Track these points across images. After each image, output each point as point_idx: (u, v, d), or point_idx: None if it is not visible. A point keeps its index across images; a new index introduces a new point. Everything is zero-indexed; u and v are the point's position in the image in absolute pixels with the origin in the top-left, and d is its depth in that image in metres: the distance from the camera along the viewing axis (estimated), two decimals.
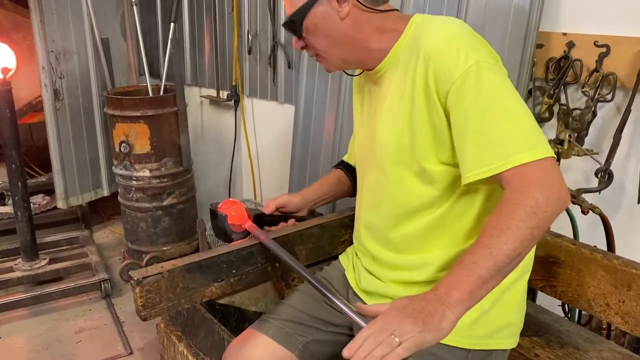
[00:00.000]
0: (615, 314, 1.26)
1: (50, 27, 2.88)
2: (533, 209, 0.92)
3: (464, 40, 1.04)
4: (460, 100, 1.01)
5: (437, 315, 0.88)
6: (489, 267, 0.91)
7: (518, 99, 1.02)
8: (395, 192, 1.18)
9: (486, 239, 0.93)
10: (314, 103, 2.38)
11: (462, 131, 1.02)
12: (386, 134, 1.16)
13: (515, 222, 0.92)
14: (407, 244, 1.19)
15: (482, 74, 1.00)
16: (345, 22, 1.13)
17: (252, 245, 1.39)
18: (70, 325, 2.53)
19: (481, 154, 0.99)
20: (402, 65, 1.13)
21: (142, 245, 2.83)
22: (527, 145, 0.97)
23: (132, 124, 2.65)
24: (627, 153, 1.60)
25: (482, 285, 0.92)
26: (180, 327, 1.55)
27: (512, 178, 0.96)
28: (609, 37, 1.58)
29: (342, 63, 1.22)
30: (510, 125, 0.98)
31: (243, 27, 2.79)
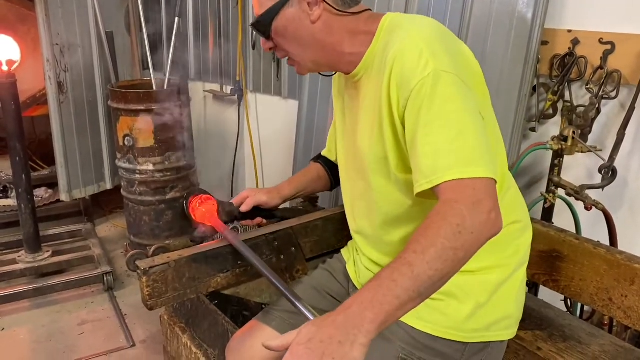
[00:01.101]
0: (618, 308, 1.26)
1: (55, 20, 2.89)
2: (459, 228, 0.87)
3: (427, 47, 1.00)
4: (413, 109, 0.99)
5: (347, 343, 0.80)
6: (408, 287, 0.83)
7: (471, 114, 0.97)
8: (381, 201, 1.17)
9: (409, 255, 0.86)
10: (318, 99, 2.39)
11: (411, 141, 1.00)
12: (366, 144, 1.15)
13: (440, 240, 0.86)
14: (399, 249, 1.18)
15: (438, 83, 0.97)
16: (316, 26, 1.11)
17: (257, 237, 1.40)
18: (73, 317, 2.54)
19: (423, 165, 0.96)
20: (376, 69, 1.11)
21: (144, 239, 2.84)
22: (466, 162, 0.93)
23: (136, 117, 2.66)
24: (630, 150, 1.61)
25: (399, 307, 0.83)
26: (184, 318, 1.56)
27: (445, 191, 0.92)
28: (613, 34, 1.58)
29: (314, 66, 1.19)
30: (455, 138, 0.94)
31: (247, 22, 2.79)
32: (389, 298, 0.83)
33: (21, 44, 2.73)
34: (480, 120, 0.99)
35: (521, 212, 1.23)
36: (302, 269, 1.50)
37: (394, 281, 0.84)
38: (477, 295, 1.12)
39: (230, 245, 1.34)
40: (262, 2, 1.12)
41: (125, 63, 3.37)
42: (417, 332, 1.12)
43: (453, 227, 0.87)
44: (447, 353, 1.13)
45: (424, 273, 0.84)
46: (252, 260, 1.23)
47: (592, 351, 1.31)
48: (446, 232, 0.86)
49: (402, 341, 1.12)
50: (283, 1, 1.10)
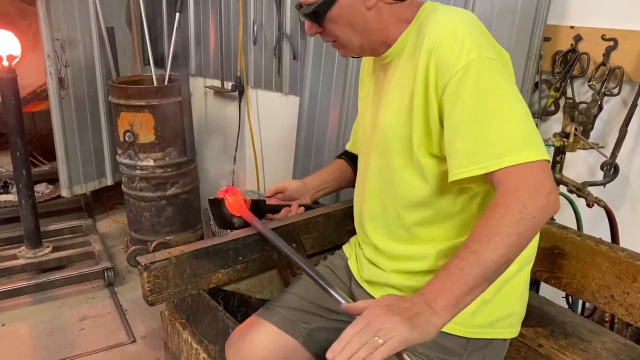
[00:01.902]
0: (620, 305, 1.26)
1: (55, 15, 2.88)
2: (522, 215, 0.91)
3: (468, 34, 1.02)
4: (457, 94, 0.99)
5: (423, 317, 0.87)
6: (475, 274, 0.90)
7: (518, 99, 1.00)
8: (397, 182, 1.17)
9: (474, 244, 0.92)
10: (319, 95, 2.38)
11: (455, 126, 1.00)
12: (388, 122, 1.16)
13: (504, 228, 0.90)
14: (408, 235, 1.19)
15: (483, 69, 0.98)
16: (370, 13, 1.13)
17: (259, 233, 1.39)
18: (74, 312, 2.55)
19: (473, 151, 0.97)
20: (408, 52, 1.13)
21: (145, 235, 2.84)
22: (522, 147, 0.95)
23: (136, 113, 2.66)
24: (632, 147, 1.61)
25: (468, 293, 0.90)
26: (185, 314, 1.56)
27: (503, 179, 0.94)
28: (616, 30, 1.58)
29: (360, 50, 1.22)
30: (507, 124, 0.97)
31: (248, 18, 2.78)
32: (459, 285, 0.89)
33: (22, 39, 2.73)
34: (525, 103, 1.01)
35: None
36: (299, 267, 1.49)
37: (461, 269, 0.90)
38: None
39: (231, 241, 1.34)
40: None
41: (126, 58, 3.36)
42: None
43: (515, 215, 0.91)
44: (450, 348, 1.13)
45: (490, 260, 0.90)
46: (283, 248, 1.26)
47: (593, 348, 1.31)
48: (509, 220, 0.91)
49: None
50: None
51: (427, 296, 0.90)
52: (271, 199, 1.52)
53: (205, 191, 3.10)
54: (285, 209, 1.50)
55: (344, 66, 2.22)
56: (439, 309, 0.88)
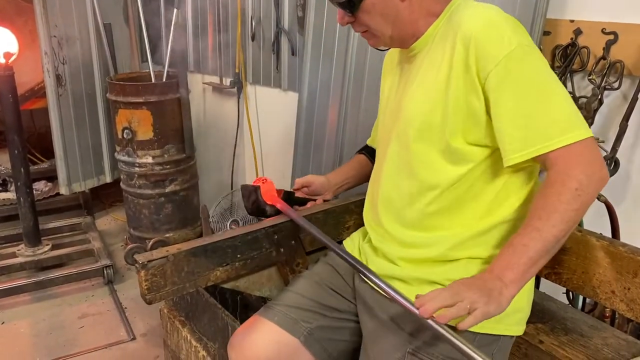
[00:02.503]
0: (621, 301, 1.25)
1: (52, 12, 2.87)
2: (578, 192, 0.98)
3: (505, 24, 1.06)
4: (503, 83, 1.03)
5: (496, 291, 0.96)
6: (538, 248, 0.99)
7: (558, 81, 1.05)
8: (417, 167, 1.19)
9: (535, 222, 1.00)
10: (318, 91, 2.37)
11: (505, 113, 1.05)
12: (414, 110, 1.18)
13: (562, 205, 0.98)
14: (422, 221, 1.20)
15: (525, 56, 1.03)
16: (403, 4, 1.15)
17: (257, 230, 1.39)
18: (73, 310, 2.54)
19: (526, 136, 1.03)
20: (437, 44, 1.15)
21: (144, 232, 2.83)
22: (570, 127, 1.01)
23: (134, 110, 2.64)
24: (633, 141, 1.60)
25: (532, 265, 0.99)
26: (184, 312, 1.56)
27: (557, 159, 1.01)
28: (616, 24, 1.56)
29: (390, 41, 1.23)
30: (553, 107, 1.02)
31: (246, 14, 2.77)
32: (524, 259, 0.99)
33: (19, 36, 2.71)
34: (563, 86, 1.07)
35: None
36: (302, 262, 1.49)
37: (525, 245, 1.00)
38: None
39: (230, 239, 1.33)
40: None
41: (123, 55, 3.35)
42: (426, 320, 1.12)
43: (572, 192, 0.99)
44: None
45: (551, 235, 0.99)
46: (318, 235, 1.31)
47: (594, 344, 1.30)
48: (567, 198, 0.99)
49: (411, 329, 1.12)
50: None
51: (496, 272, 1.00)
52: (298, 192, 1.56)
53: (204, 188, 3.10)
54: (310, 202, 1.56)
55: (343, 62, 2.21)
56: (508, 281, 0.98)
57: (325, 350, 1.28)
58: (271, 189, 1.48)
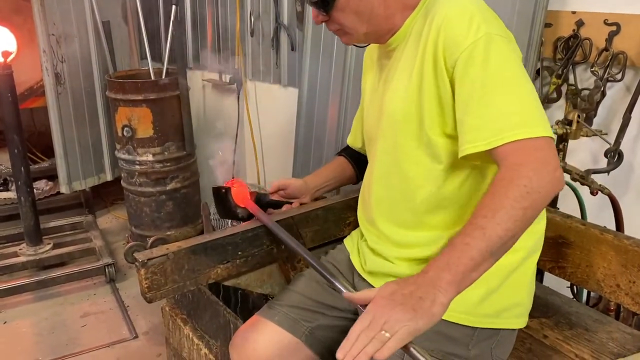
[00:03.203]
0: (626, 294, 1.24)
1: (50, 10, 2.85)
2: (527, 189, 0.90)
3: (478, 12, 1.02)
4: (466, 70, 1.00)
5: (427, 300, 0.85)
6: (481, 248, 0.88)
7: (525, 76, 1.00)
8: (404, 164, 1.16)
9: (479, 220, 0.91)
10: (318, 86, 2.35)
11: (464, 102, 1.00)
12: (395, 105, 1.15)
13: (509, 202, 0.90)
14: (415, 220, 1.18)
15: (492, 46, 0.99)
16: (377, 1, 1.12)
17: (258, 227, 1.37)
18: (75, 309, 2.54)
19: (480, 126, 0.98)
20: (414, 37, 1.12)
21: (145, 230, 2.83)
22: (526, 122, 0.95)
23: (134, 107, 2.64)
24: (636, 133, 1.58)
25: (474, 268, 0.89)
26: (186, 310, 1.55)
27: (507, 154, 0.95)
28: (619, 15, 1.55)
29: (364, 38, 1.20)
30: (513, 100, 0.97)
31: (245, 9, 2.75)
32: (464, 260, 0.88)
33: (17, 34, 2.70)
34: (531, 81, 1.01)
35: None
36: (303, 259, 1.48)
37: (467, 244, 0.89)
38: (489, 280, 1.10)
39: (230, 236, 1.32)
40: None
41: (122, 53, 3.34)
42: None
43: (521, 189, 0.90)
44: (456, 337, 1.12)
45: (496, 234, 0.89)
46: (287, 240, 1.27)
47: (599, 338, 1.29)
48: (514, 194, 0.90)
49: None
50: None
51: (430, 274, 0.89)
52: (274, 194, 1.52)
53: (205, 185, 3.08)
54: (286, 206, 1.50)
55: (343, 56, 2.19)
56: (444, 284, 0.86)
57: (326, 349, 1.27)
58: (243, 191, 1.42)
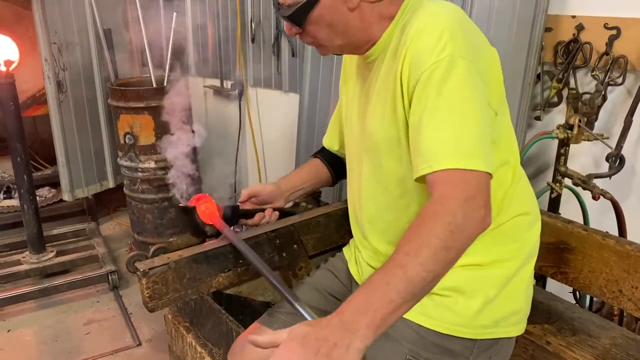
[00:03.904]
0: (629, 300, 1.24)
1: (51, 18, 2.86)
2: (451, 227, 0.86)
3: (448, 29, 0.98)
4: (422, 92, 0.97)
5: (342, 346, 0.79)
6: (401, 290, 0.83)
7: (478, 105, 0.96)
8: (391, 184, 1.14)
9: (401, 257, 0.85)
10: (319, 92, 2.36)
11: (417, 124, 0.97)
12: (377, 124, 1.13)
13: (432, 240, 0.85)
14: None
15: (452, 69, 0.95)
16: (352, 14, 1.09)
17: (259, 235, 1.38)
18: (79, 317, 2.54)
19: (424, 150, 0.94)
20: (391, 51, 1.09)
21: (148, 237, 2.83)
22: (462, 152, 0.91)
23: (136, 115, 2.64)
24: (638, 137, 1.58)
25: (393, 311, 0.83)
26: (188, 317, 1.55)
27: (435, 183, 0.91)
28: (619, 19, 1.55)
29: (339, 50, 1.18)
30: (457, 128, 0.93)
31: (246, 16, 2.76)
32: (384, 302, 0.82)
33: (19, 43, 2.71)
34: (486, 112, 0.97)
35: (531, 204, 1.20)
36: (305, 266, 1.48)
37: (387, 284, 0.83)
38: (486, 290, 1.10)
39: (231, 244, 1.32)
40: None
41: (124, 60, 3.34)
42: (424, 330, 1.10)
43: (445, 226, 0.86)
44: (456, 350, 1.11)
45: (417, 275, 0.84)
46: (252, 259, 1.23)
47: (602, 344, 1.29)
48: (438, 232, 0.85)
49: (409, 341, 1.10)
50: None
51: (346, 315, 0.82)
52: (245, 203, 1.46)
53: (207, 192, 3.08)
54: (259, 214, 1.44)
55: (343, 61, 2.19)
56: (361, 329, 0.80)
57: None
58: (210, 207, 1.36)
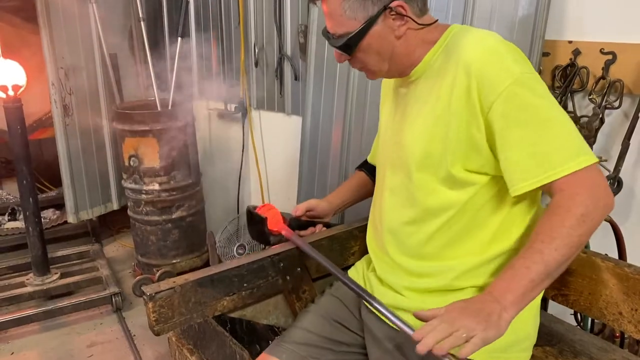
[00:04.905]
0: (629, 322, 1.25)
1: (59, 44, 2.92)
2: (583, 217, 0.98)
3: (506, 52, 1.06)
4: (506, 112, 1.03)
5: (494, 315, 0.94)
6: (540, 271, 0.97)
7: (559, 107, 1.05)
8: (421, 196, 1.18)
9: (538, 244, 0.99)
10: (321, 114, 2.39)
11: (510, 142, 1.04)
12: (414, 139, 1.18)
13: (565, 229, 0.98)
14: (428, 250, 1.20)
15: (527, 85, 1.03)
16: (399, 41, 1.15)
17: (263, 259, 1.39)
18: (82, 339, 2.54)
19: (531, 165, 1.02)
20: (436, 72, 1.15)
21: (152, 258, 2.84)
22: (575, 154, 1.01)
23: (141, 138, 2.67)
24: (636, 159, 1.60)
25: (533, 289, 0.98)
26: (192, 340, 1.56)
27: (562, 186, 1.01)
28: (614, 44, 1.58)
29: (387, 74, 1.24)
30: (557, 134, 1.02)
31: (249, 40, 2.81)
32: (525, 282, 0.98)
33: (27, 68, 2.76)
34: (565, 112, 1.07)
35: None
36: (309, 290, 1.49)
37: (527, 268, 0.98)
38: None
39: (236, 268, 1.34)
40: (344, 22, 1.14)
41: (129, 84, 3.39)
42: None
43: (577, 217, 0.98)
44: None
45: (553, 259, 0.98)
46: (322, 261, 1.32)
47: None
48: (571, 222, 0.98)
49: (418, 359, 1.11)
50: (372, 21, 1.12)
51: (495, 294, 0.98)
52: (301, 217, 1.56)
53: (210, 213, 3.11)
54: (310, 228, 1.56)
55: (345, 85, 2.23)
56: (507, 304, 0.96)
57: None
58: (277, 217, 1.48)
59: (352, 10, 1.12)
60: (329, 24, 1.18)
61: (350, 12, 1.12)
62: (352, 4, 1.12)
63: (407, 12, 1.12)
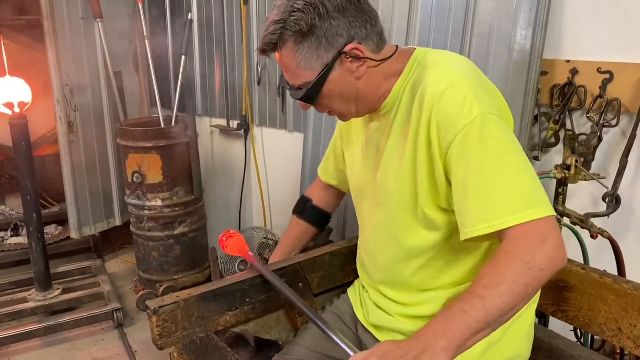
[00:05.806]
0: (628, 338, 1.26)
1: (65, 62, 2.96)
2: (529, 265, 0.91)
3: (470, 88, 1.02)
4: (462, 153, 1.00)
5: (427, 353, 0.86)
6: (479, 319, 0.89)
7: (521, 154, 1.00)
8: (401, 235, 1.18)
9: (480, 289, 0.91)
10: (322, 131, 2.42)
11: (462, 185, 1.00)
12: (391, 179, 1.16)
13: (511, 276, 0.91)
14: (414, 284, 1.21)
15: (486, 126, 0.99)
16: (361, 81, 1.12)
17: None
18: (84, 355, 2.54)
19: (481, 210, 0.97)
20: (404, 107, 1.13)
21: (154, 275, 2.85)
22: (529, 204, 0.95)
23: (144, 154, 2.70)
24: (634, 177, 1.62)
25: (470, 337, 0.89)
26: (194, 355, 1.56)
27: (511, 234, 0.95)
28: (612, 63, 1.61)
29: (357, 114, 1.20)
30: (513, 182, 0.97)
31: (252, 59, 2.85)
32: (461, 328, 0.88)
33: (32, 85, 2.79)
34: (527, 158, 1.02)
35: None
36: (310, 305, 1.50)
37: (465, 312, 0.89)
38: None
39: (238, 283, 1.35)
40: (301, 73, 1.10)
41: (133, 101, 3.43)
42: None
43: (524, 264, 0.91)
44: None
45: (496, 306, 0.89)
46: (283, 289, 1.29)
47: None
48: (517, 269, 0.91)
49: None
50: (328, 69, 1.08)
51: (427, 336, 0.89)
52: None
53: (212, 229, 3.12)
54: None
55: None
56: (438, 350, 0.86)
57: None
58: (239, 243, 1.45)
59: (306, 61, 1.08)
60: (286, 76, 1.14)
61: (305, 64, 1.08)
62: (305, 55, 1.07)
63: (363, 54, 1.08)
